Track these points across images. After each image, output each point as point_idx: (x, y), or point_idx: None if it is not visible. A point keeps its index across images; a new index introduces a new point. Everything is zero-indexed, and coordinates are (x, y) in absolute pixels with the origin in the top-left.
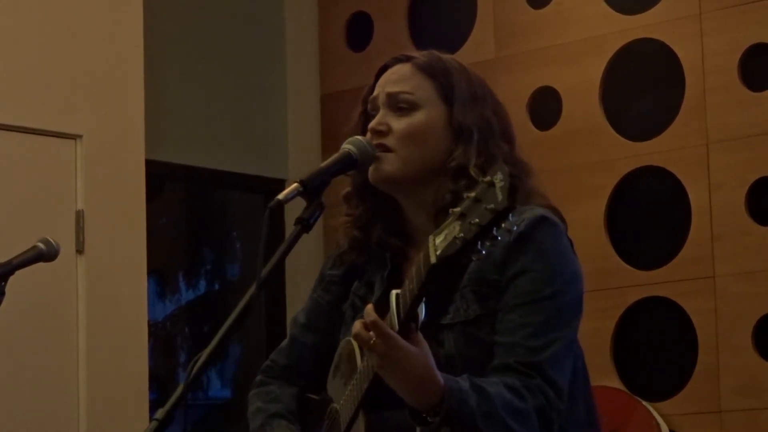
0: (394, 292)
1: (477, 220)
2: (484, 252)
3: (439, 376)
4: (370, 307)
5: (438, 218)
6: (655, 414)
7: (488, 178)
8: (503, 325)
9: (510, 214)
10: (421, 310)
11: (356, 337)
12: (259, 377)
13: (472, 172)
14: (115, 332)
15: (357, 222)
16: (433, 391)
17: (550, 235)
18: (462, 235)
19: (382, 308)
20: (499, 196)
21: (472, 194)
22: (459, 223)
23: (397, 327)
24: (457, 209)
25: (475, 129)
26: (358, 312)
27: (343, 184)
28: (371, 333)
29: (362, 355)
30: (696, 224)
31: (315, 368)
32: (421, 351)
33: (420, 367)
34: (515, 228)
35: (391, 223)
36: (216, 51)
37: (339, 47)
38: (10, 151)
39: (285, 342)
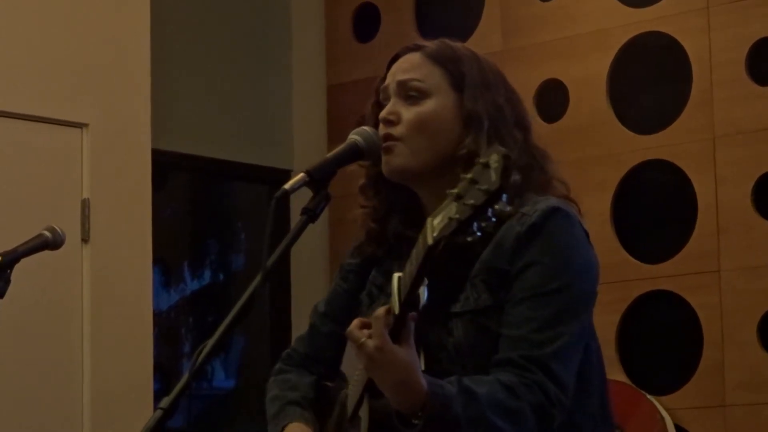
0: (396, 274)
1: (471, 201)
2: (479, 234)
3: (423, 381)
4: (382, 309)
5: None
6: (659, 408)
7: (483, 160)
8: (510, 318)
9: (504, 195)
10: (423, 293)
11: (348, 334)
12: (278, 365)
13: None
14: (119, 322)
15: (373, 214)
16: (417, 395)
17: (561, 227)
18: (457, 215)
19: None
20: (493, 177)
21: (468, 175)
22: (455, 204)
23: (397, 309)
24: (454, 190)
25: (485, 116)
26: (375, 301)
27: (350, 174)
28: (363, 332)
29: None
30: (702, 218)
31: (333, 357)
32: (408, 354)
33: (404, 372)
34: (528, 218)
35: (408, 213)
36: (222, 41)
37: (345, 38)
38: (17, 139)
39: (306, 331)
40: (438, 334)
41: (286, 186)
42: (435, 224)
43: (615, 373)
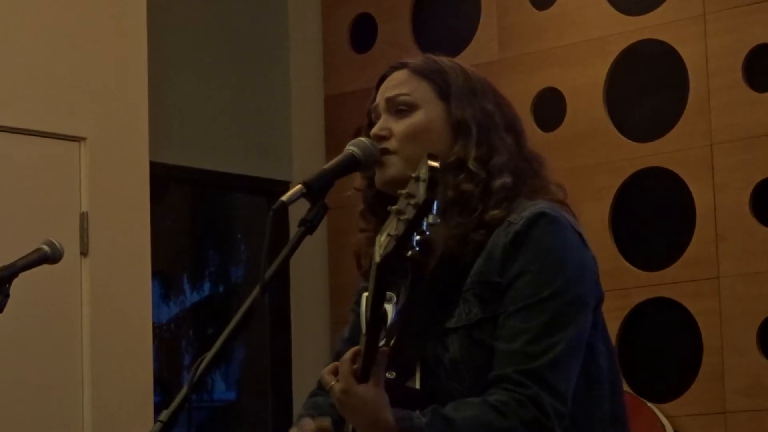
0: (364, 294)
1: (405, 216)
2: (418, 248)
3: (391, 419)
4: (349, 353)
5: (445, 215)
6: (659, 415)
7: (415, 174)
8: (504, 331)
9: (435, 207)
10: (389, 311)
11: (320, 379)
12: (313, 390)
13: (471, 165)
14: (119, 334)
15: (372, 239)
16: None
17: (549, 232)
18: (395, 232)
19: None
20: (420, 190)
21: (405, 191)
22: (396, 219)
23: (364, 329)
24: (395, 207)
25: (473, 123)
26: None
27: (347, 186)
28: (332, 376)
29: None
30: (700, 225)
31: None
32: (375, 393)
33: (371, 412)
34: (513, 226)
35: None
36: (220, 53)
37: (343, 49)
38: (15, 153)
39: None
40: (435, 349)
41: (284, 198)
42: (381, 241)
43: None
